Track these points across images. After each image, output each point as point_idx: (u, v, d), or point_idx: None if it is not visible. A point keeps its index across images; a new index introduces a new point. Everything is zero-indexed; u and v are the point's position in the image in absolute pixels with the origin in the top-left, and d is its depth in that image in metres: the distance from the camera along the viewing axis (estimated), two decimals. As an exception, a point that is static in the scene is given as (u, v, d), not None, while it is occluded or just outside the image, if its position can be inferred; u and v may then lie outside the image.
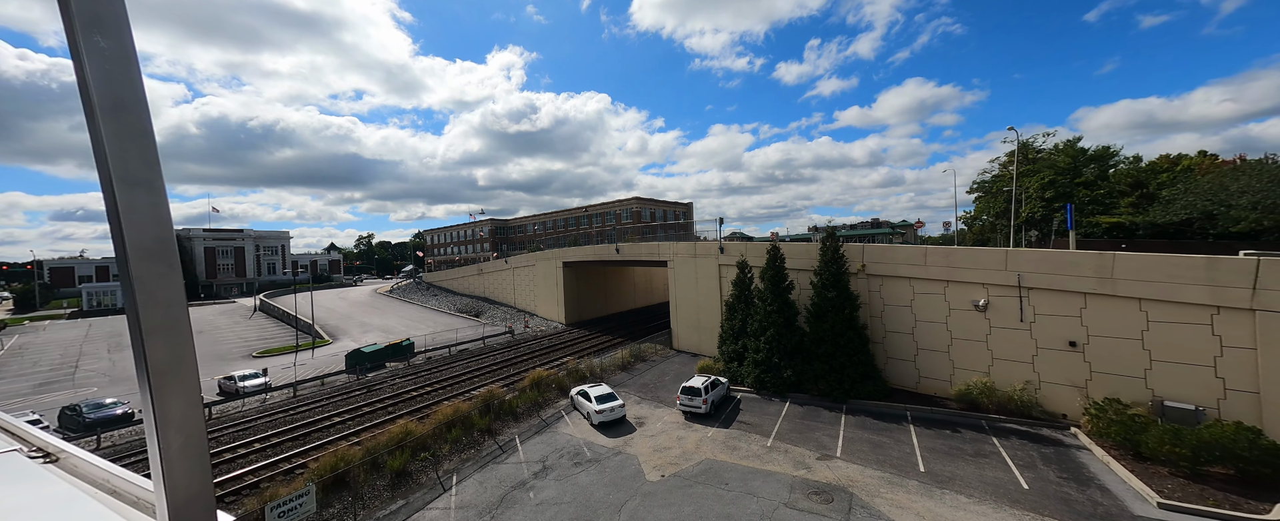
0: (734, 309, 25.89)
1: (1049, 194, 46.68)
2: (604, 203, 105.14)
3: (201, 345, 40.94)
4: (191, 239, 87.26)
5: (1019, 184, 51.97)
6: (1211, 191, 35.26)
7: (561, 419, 20.88)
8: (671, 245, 35.90)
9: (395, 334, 44.98)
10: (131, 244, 0.88)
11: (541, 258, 55.12)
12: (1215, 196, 34.54)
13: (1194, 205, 36.23)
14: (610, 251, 45.08)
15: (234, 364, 34.47)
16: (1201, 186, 37.26)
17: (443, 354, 35.88)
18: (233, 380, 26.72)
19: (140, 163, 0.91)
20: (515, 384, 26.89)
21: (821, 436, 16.92)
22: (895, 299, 21.08)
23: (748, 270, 26.34)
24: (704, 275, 32.44)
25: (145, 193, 0.91)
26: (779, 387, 21.71)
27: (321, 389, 27.18)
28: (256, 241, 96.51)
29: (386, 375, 30.01)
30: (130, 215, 0.89)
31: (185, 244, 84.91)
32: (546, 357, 33.90)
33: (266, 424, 21.27)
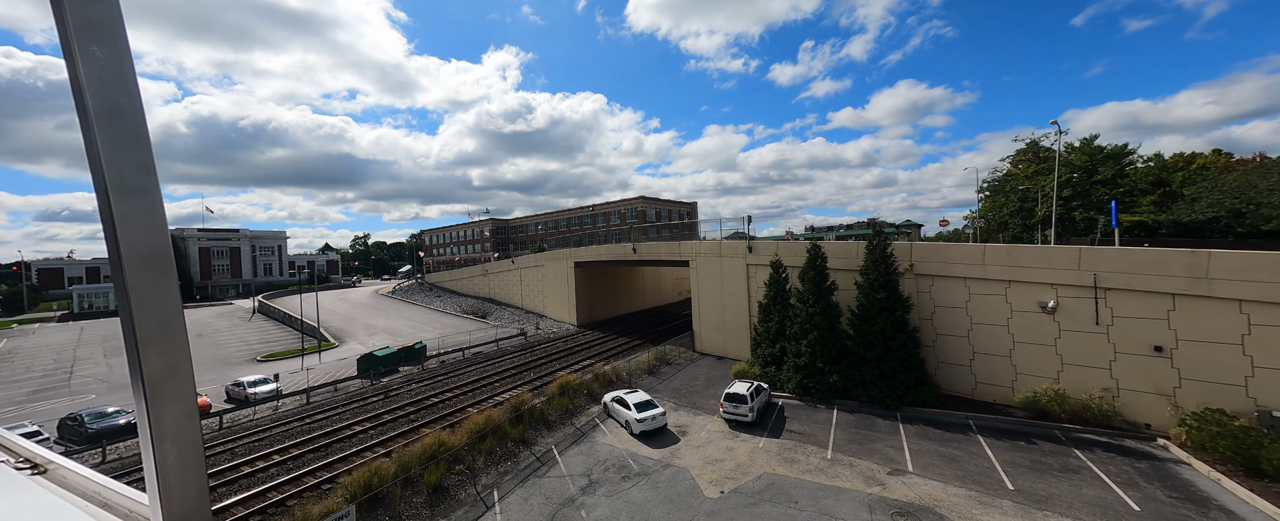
0: (769, 310, 24.99)
1: (1067, 192, 46.26)
2: (609, 201, 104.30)
3: (202, 349, 39.67)
4: (185, 239, 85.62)
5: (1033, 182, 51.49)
6: (1239, 189, 34.84)
7: (597, 427, 19.90)
8: (694, 244, 34.98)
9: (403, 336, 43.86)
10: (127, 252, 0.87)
11: (551, 258, 54.11)
12: (1243, 194, 34.14)
13: (1222, 203, 35.79)
14: (626, 251, 44.13)
15: (238, 369, 33.28)
16: (1229, 184, 36.82)
17: (456, 357, 34.82)
18: (242, 386, 25.56)
19: (137, 170, 0.90)
20: (540, 389, 25.89)
21: (884, 447, 16.03)
22: (948, 300, 20.24)
23: (782, 270, 25.45)
24: (730, 275, 31.54)
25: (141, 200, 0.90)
26: (824, 394, 20.81)
27: (335, 395, 26.07)
28: (252, 241, 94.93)
29: (401, 380, 28.92)
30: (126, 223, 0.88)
31: (179, 244, 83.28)
32: (565, 361, 32.92)
33: (283, 434, 20.17)
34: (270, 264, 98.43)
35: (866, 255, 21.30)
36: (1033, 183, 51.22)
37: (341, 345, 40.59)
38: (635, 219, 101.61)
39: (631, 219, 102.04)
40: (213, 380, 30.31)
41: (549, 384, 26.86)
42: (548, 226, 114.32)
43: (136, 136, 0.90)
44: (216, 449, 18.61)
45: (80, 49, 0.85)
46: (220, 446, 18.91)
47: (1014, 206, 52.78)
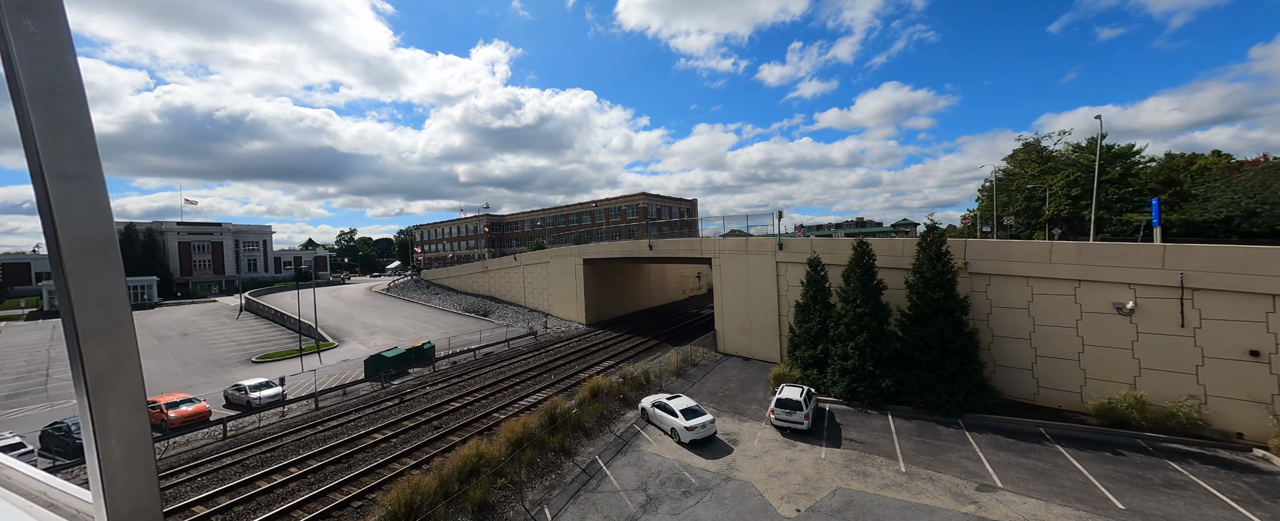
0: (808, 311, 24.09)
1: (1076, 191, 46.40)
2: (610, 198, 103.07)
3: (190, 350, 37.59)
4: (164, 233, 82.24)
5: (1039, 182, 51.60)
6: (1254, 189, 35.07)
7: (638, 434, 18.79)
8: (716, 240, 33.99)
9: (406, 336, 42.21)
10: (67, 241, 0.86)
11: (558, 255, 52.75)
12: (1258, 194, 34.39)
13: (1236, 203, 36.02)
14: (640, 248, 42.97)
15: (232, 371, 31.44)
16: (1243, 184, 37.08)
17: (467, 358, 33.40)
18: (242, 391, 23.89)
19: (76, 154, 0.87)
20: (566, 392, 24.70)
21: (959, 459, 15.20)
22: (1007, 300, 19.51)
23: (821, 268, 24.57)
24: (757, 273, 30.62)
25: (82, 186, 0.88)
26: (875, 398, 19.97)
27: (346, 399, 24.53)
28: (236, 236, 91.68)
29: (413, 382, 27.46)
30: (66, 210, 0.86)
31: (157, 238, 79.89)
32: (584, 362, 31.76)
33: (296, 443, 18.68)
34: (255, 259, 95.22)
35: (920, 253, 20.48)
36: (1039, 182, 51.32)
37: (341, 345, 38.83)
38: (636, 216, 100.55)
39: (632, 216, 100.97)
40: (206, 383, 28.48)
41: (573, 386, 25.73)
42: (546, 223, 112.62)
43: (76, 119, 0.86)
44: (224, 461, 17.09)
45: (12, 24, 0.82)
46: (227, 458, 17.39)
47: (1020, 206, 52.88)
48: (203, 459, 17.25)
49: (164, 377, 29.67)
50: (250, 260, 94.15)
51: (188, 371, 31.10)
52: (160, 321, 51.26)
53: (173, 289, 77.30)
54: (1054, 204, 47.93)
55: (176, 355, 35.59)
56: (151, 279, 68.40)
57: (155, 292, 67.99)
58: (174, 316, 54.46)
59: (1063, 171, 48.60)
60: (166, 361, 33.83)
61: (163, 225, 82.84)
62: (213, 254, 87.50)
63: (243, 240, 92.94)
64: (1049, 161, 55.51)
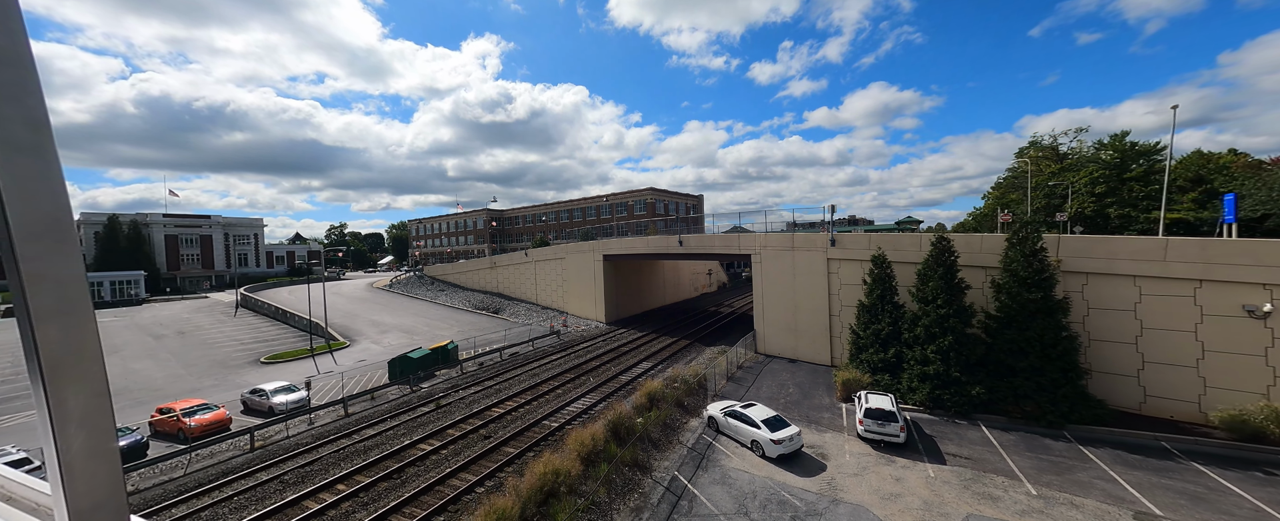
0: (876, 311, 22.87)
1: (1100, 189, 45.93)
2: (617, 193, 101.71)
3: (191, 350, 35.60)
4: (149, 225, 79.35)
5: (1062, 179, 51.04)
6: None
7: (711, 446, 17.45)
8: (759, 236, 32.68)
9: (419, 334, 40.55)
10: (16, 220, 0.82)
11: (575, 250, 51.26)
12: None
13: (1274, 200, 35.76)
14: (669, 244, 41.52)
15: (241, 373, 29.62)
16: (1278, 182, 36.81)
17: (494, 359, 31.87)
18: (263, 395, 22.18)
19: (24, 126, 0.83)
20: (612, 397, 23.31)
21: (1088, 478, 14.04)
22: (1108, 301, 18.42)
23: (886, 266, 23.37)
24: (804, 271, 29.41)
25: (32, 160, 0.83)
26: (962, 407, 18.80)
27: (375, 405, 22.92)
28: (226, 229, 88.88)
29: (444, 385, 25.90)
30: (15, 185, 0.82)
31: (143, 230, 77.00)
32: (619, 363, 30.38)
33: (335, 456, 17.10)
34: (246, 254, 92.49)
35: (1010, 250, 19.31)
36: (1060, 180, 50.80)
37: (354, 345, 37.07)
38: (644, 211, 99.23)
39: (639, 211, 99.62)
40: (215, 387, 26.67)
41: (620, 391, 24.35)
42: (549, 218, 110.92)
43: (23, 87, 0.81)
44: (259, 477, 15.48)
45: None
46: (262, 473, 15.78)
47: (1040, 203, 52.44)
48: (235, 474, 15.62)
49: (167, 381, 27.80)
50: (241, 254, 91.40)
51: (193, 374, 29.24)
52: (151, 318, 49.02)
53: (160, 284, 74.59)
54: (1078, 201, 47.43)
55: (177, 355, 33.64)
56: (138, 273, 65.83)
57: (143, 287, 65.43)
58: (165, 313, 52.20)
59: (1085, 169, 48.17)
60: (167, 363, 31.89)
61: (147, 217, 79.94)
62: (202, 247, 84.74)
63: (233, 233, 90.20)
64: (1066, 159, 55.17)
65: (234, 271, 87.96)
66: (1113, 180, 45.27)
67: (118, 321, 47.64)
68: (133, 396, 24.87)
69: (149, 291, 67.76)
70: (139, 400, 24.22)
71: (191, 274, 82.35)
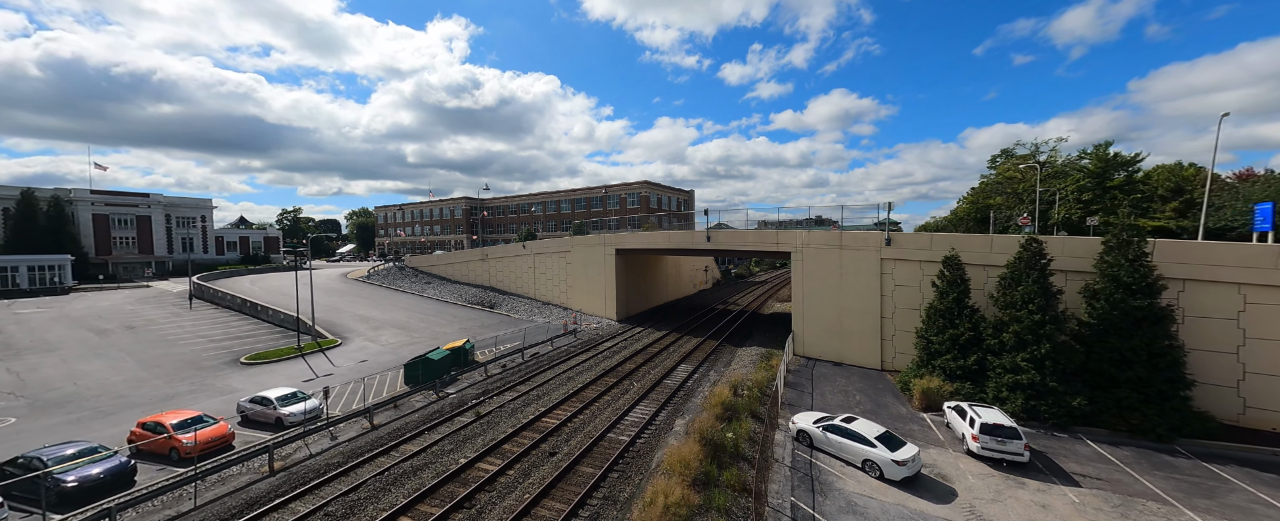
0: (951, 315, 22.13)
1: (1087, 196, 48.11)
2: (610, 185, 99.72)
3: (149, 347, 31.06)
4: (73, 202, 70.44)
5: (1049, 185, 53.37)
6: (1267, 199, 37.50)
7: (812, 465, 16.04)
8: (800, 233, 31.62)
9: (416, 331, 37.34)
10: None
11: (583, 243, 49.01)
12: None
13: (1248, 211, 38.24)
14: (695, 239, 39.95)
15: (221, 375, 25.86)
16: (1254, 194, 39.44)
17: (515, 360, 29.42)
18: (268, 404, 19.03)
19: None
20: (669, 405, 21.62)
21: (1242, 502, 13.47)
22: (1206, 308, 18.28)
23: (960, 268, 22.70)
24: (853, 271, 28.61)
25: None
26: (1062, 419, 18.22)
27: (401, 414, 20.18)
28: (168, 210, 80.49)
29: (473, 391, 23.38)
30: None
31: (65, 207, 68.27)
32: (655, 365, 28.71)
33: (380, 480, 14.52)
34: (192, 238, 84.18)
35: (1110, 254, 18.88)
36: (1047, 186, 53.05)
37: (346, 342, 33.54)
38: (638, 204, 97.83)
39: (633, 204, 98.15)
40: (193, 393, 23.00)
41: (670, 397, 22.67)
42: (536, 209, 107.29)
43: None
44: (296, 509, 12.78)
45: None
46: (299, 504, 13.08)
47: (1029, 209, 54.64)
48: (262, 506, 12.87)
49: (129, 386, 23.81)
50: (185, 239, 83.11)
51: (159, 377, 25.27)
52: (86, 309, 43.10)
53: (89, 270, 66.50)
54: (1064, 208, 49.52)
55: (131, 353, 29.21)
56: (64, 257, 58.20)
57: (69, 274, 57.94)
58: (103, 304, 46.13)
59: (1072, 176, 50.33)
60: (121, 362, 27.55)
61: (71, 193, 71.06)
62: (139, 230, 76.30)
63: (176, 215, 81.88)
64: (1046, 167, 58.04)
65: (177, 257, 79.97)
66: (1096, 188, 47.32)
67: (42, 313, 41.58)
68: (92, 405, 20.98)
69: (77, 279, 60.14)
70: (102, 410, 20.43)
71: (126, 259, 74.00)
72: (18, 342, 30.86)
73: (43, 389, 22.84)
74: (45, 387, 23.01)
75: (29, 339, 31.78)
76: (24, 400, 21.42)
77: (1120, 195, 46.27)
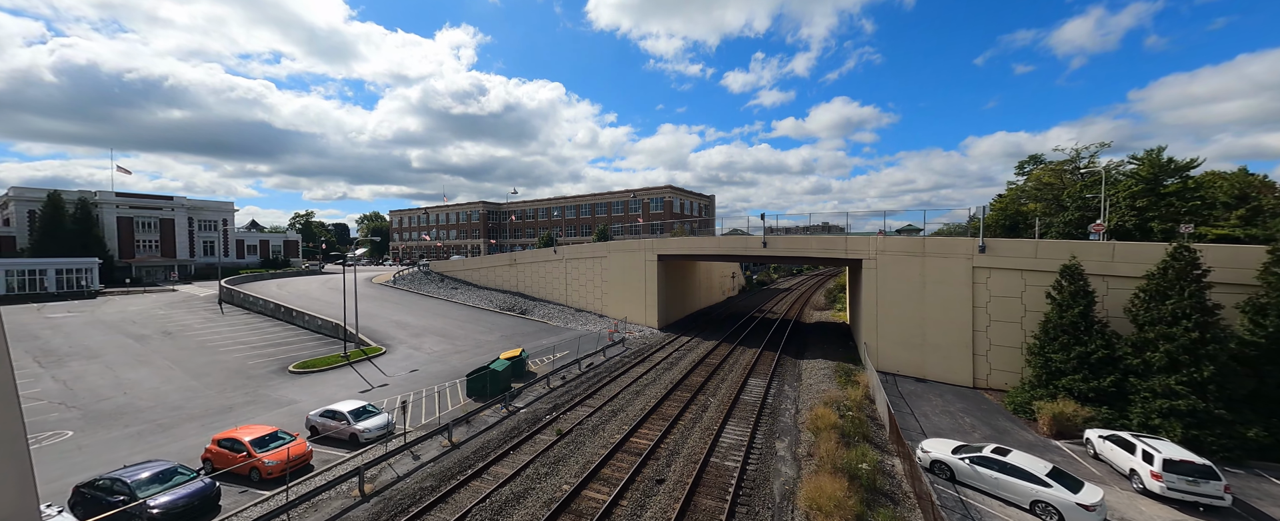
0: (1075, 331, 20.44)
1: (1141, 203, 46.34)
2: (635, 189, 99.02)
3: (192, 355, 30.16)
4: (99, 204, 70.62)
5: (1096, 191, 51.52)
6: None
7: (962, 502, 14.41)
8: (873, 239, 30.20)
9: (456, 339, 36.27)
10: None
11: (620, 249, 47.88)
12: None
13: None
14: (747, 245, 38.57)
15: (272, 385, 24.81)
16: None
17: (572, 371, 28.13)
18: (341, 418, 17.87)
19: None
20: (759, 423, 20.19)
21: None
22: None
23: (1082, 279, 21.09)
24: (938, 280, 27.14)
25: None
26: (1233, 452, 16.44)
27: (474, 430, 18.91)
28: (191, 213, 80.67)
29: (543, 406, 22.10)
30: None
31: (90, 210, 68.46)
32: (720, 377, 27.39)
33: (485, 508, 13.19)
34: (212, 242, 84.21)
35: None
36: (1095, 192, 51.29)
37: (391, 351, 32.49)
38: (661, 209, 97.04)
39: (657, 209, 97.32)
40: (251, 404, 21.90)
41: (757, 415, 21.24)
42: (557, 213, 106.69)
43: None
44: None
45: None
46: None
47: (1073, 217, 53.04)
48: (369, 542, 11.65)
49: (183, 396, 22.81)
50: (206, 242, 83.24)
51: (209, 386, 24.29)
52: (117, 314, 42.57)
53: (113, 273, 66.45)
54: (1117, 214, 47.80)
55: (176, 361, 28.33)
56: (92, 260, 58.15)
57: (97, 277, 57.83)
58: (133, 308, 45.63)
59: (1124, 182, 48.93)
60: (168, 370, 26.65)
61: (97, 197, 71.32)
62: (162, 233, 76.47)
63: (199, 218, 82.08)
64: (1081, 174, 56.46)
65: (199, 260, 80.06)
66: (1150, 194, 45.87)
67: (75, 317, 41.07)
68: (148, 418, 19.96)
69: (102, 282, 60.02)
70: (160, 423, 19.41)
71: (149, 262, 74.05)
72: (58, 349, 30.14)
73: (93, 399, 21.91)
74: (96, 397, 22.08)
75: (68, 345, 31.07)
76: (76, 411, 20.47)
77: (1177, 201, 44.54)
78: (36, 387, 23.19)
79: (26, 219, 67.89)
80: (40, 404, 21.21)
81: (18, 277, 52.81)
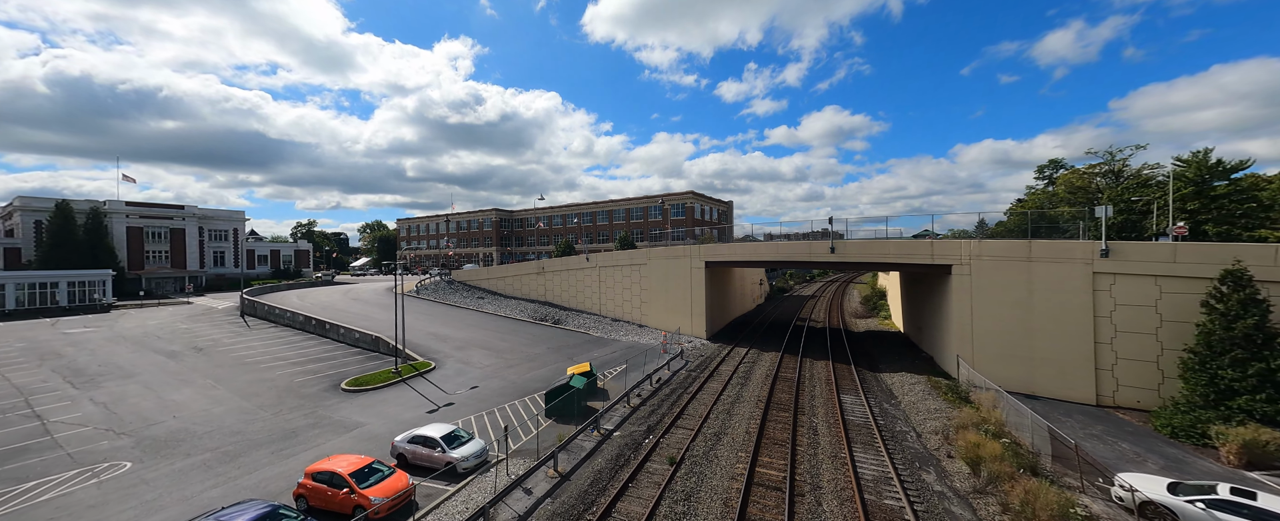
0: (1251, 345, 18.71)
1: (1192, 205, 45.09)
2: (655, 195, 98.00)
3: (234, 373, 28.36)
4: (108, 214, 69.13)
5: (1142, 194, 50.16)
6: None
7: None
8: (966, 242, 28.56)
9: (500, 351, 34.58)
10: None
11: (664, 255, 46.34)
12: None
13: None
14: (813, 250, 36.85)
15: (329, 405, 23.01)
16: None
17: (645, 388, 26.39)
18: (434, 446, 16.09)
19: None
20: (888, 449, 18.45)
21: None
22: None
23: (1248, 285, 19.40)
24: (1049, 287, 25.55)
25: None
26: None
27: (576, 457, 17.15)
28: (201, 223, 79.19)
29: (635, 430, 20.30)
30: None
31: (100, 220, 67.00)
32: (811, 395, 25.79)
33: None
34: (223, 252, 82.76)
35: None
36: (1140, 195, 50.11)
37: (440, 366, 30.72)
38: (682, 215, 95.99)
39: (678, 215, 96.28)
40: (315, 428, 20.06)
41: (870, 438, 19.48)
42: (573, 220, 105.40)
43: None
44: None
45: None
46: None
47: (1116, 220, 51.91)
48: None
49: (238, 419, 20.99)
50: (217, 252, 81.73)
51: (263, 407, 22.51)
52: (137, 329, 40.84)
53: (124, 285, 64.80)
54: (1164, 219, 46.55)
55: (218, 380, 26.56)
56: (106, 272, 56.45)
57: (110, 290, 56.15)
58: (152, 322, 43.91)
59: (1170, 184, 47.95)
60: (213, 390, 24.85)
61: (106, 206, 69.86)
62: (172, 243, 74.83)
63: (209, 228, 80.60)
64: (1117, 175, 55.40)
65: (209, 271, 78.49)
66: (1200, 197, 44.88)
67: (94, 333, 39.34)
68: (209, 445, 18.11)
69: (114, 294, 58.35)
70: (224, 451, 17.59)
71: (159, 274, 72.39)
72: (87, 368, 28.37)
73: (141, 423, 20.11)
74: (143, 422, 20.28)
75: (97, 363, 29.30)
76: (127, 438, 18.67)
77: (1230, 204, 43.31)
78: (77, 412, 21.40)
79: (33, 229, 66.35)
80: (85, 430, 19.43)
81: (28, 291, 51.10)
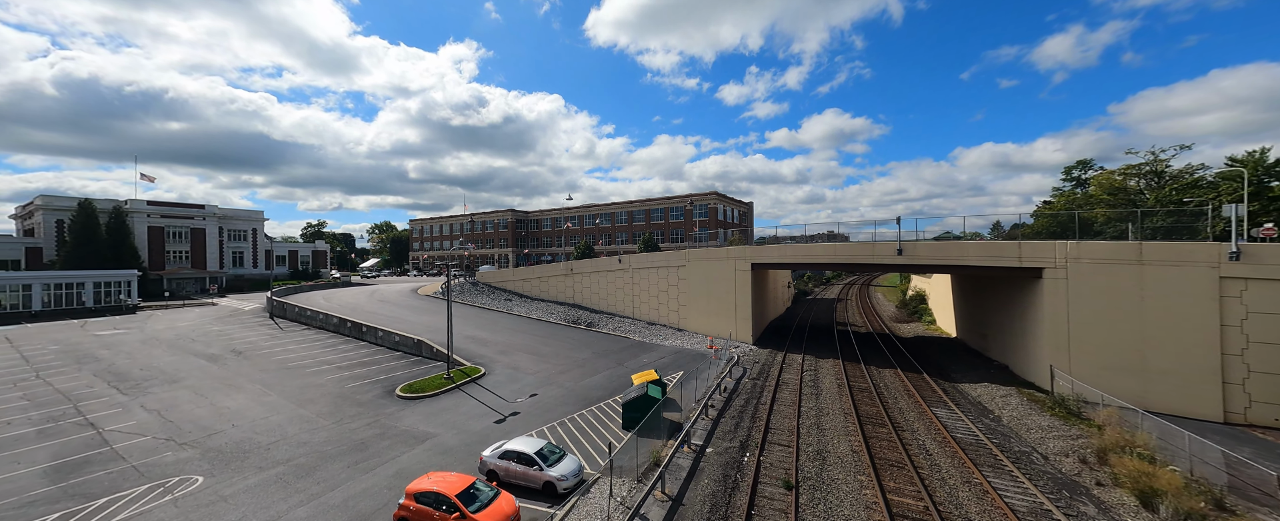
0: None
1: (1253, 206, 43.27)
2: (677, 196, 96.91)
3: (282, 378, 27.24)
4: (130, 214, 68.78)
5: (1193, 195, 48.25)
6: None
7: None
8: (1062, 244, 27.05)
9: (542, 355, 33.43)
10: None
11: (704, 257, 45.10)
12: None
13: None
14: (878, 252, 35.30)
15: (388, 412, 21.76)
16: None
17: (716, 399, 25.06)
18: (530, 463, 14.85)
19: None
20: (1018, 472, 17.00)
21: None
22: None
23: None
24: (1164, 292, 24.05)
25: None
26: None
27: (676, 478, 15.86)
28: (221, 222, 78.83)
29: (729, 444, 18.97)
30: None
31: (122, 219, 66.64)
32: (892, 406, 24.53)
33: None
34: (242, 252, 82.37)
35: None
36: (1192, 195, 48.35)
37: (490, 372, 29.54)
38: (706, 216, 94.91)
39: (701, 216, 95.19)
40: (381, 437, 18.82)
41: (1009, 465, 18.01)
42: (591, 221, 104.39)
43: None
44: None
45: None
46: None
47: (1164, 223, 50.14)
48: None
49: (300, 428, 19.83)
50: (236, 253, 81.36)
51: (321, 415, 21.37)
52: (168, 330, 40.04)
53: (146, 286, 64.34)
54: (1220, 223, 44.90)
55: (269, 385, 25.49)
56: (131, 273, 55.98)
57: (136, 290, 55.66)
58: (181, 324, 43.16)
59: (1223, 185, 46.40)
60: (265, 396, 23.78)
61: (128, 205, 69.52)
62: (192, 243, 74.43)
63: (229, 228, 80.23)
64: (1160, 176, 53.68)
65: (229, 272, 78.07)
66: (1257, 198, 43.50)
67: (125, 335, 38.58)
68: (279, 457, 16.93)
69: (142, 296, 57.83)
70: (298, 464, 16.42)
71: (179, 274, 71.95)
72: (129, 372, 27.43)
73: (201, 433, 19.02)
74: (203, 431, 19.19)
75: (138, 368, 28.38)
76: (191, 449, 17.56)
77: None
78: (131, 420, 20.36)
79: (55, 229, 66.10)
80: (144, 439, 18.36)
81: (54, 291, 50.62)
